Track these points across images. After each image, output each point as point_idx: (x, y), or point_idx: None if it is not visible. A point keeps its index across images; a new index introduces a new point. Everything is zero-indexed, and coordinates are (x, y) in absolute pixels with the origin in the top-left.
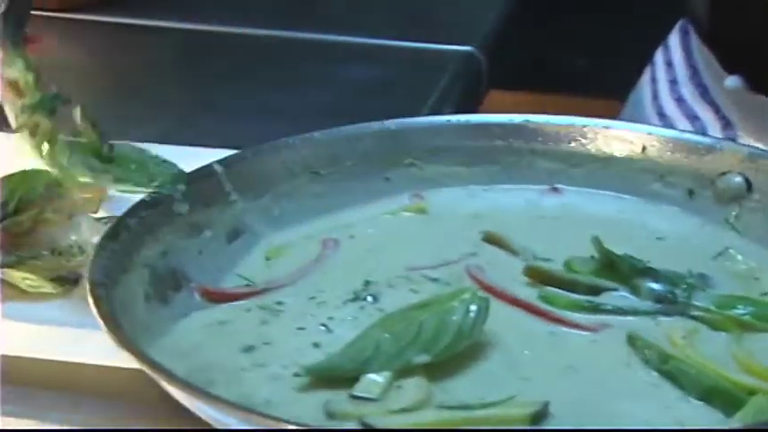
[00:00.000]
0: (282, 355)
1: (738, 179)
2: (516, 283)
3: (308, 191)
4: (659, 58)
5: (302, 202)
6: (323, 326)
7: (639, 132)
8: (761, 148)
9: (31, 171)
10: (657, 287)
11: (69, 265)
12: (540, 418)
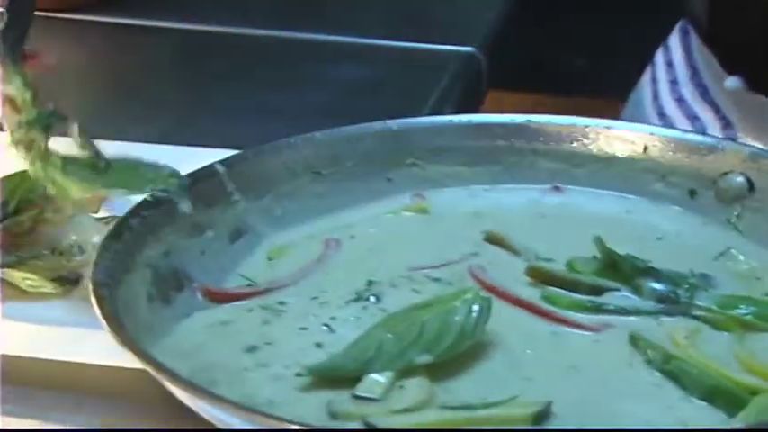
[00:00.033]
0: (285, 355)
1: (740, 179)
2: (518, 283)
3: (309, 191)
4: (659, 58)
5: (304, 203)
6: (325, 326)
7: (641, 132)
8: (762, 148)
9: None
10: (659, 287)
11: (70, 264)
12: (543, 417)
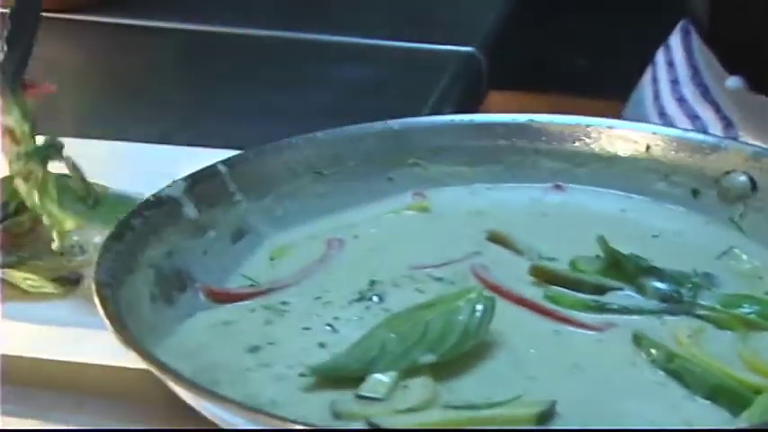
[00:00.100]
0: (288, 356)
1: (743, 178)
2: (521, 283)
3: (311, 191)
4: (660, 58)
5: (306, 203)
6: (328, 326)
7: (643, 132)
8: (765, 147)
9: None
10: (663, 286)
11: (70, 265)
12: (547, 417)
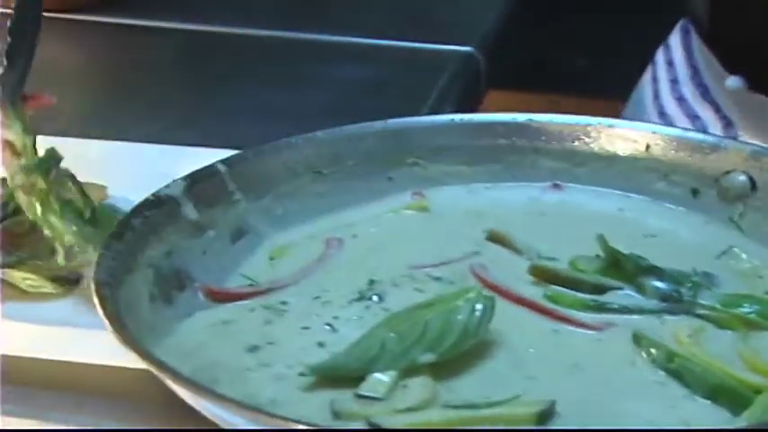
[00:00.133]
0: (287, 355)
1: (743, 178)
2: (521, 282)
3: (310, 190)
4: (660, 57)
5: (305, 202)
6: (328, 325)
7: (643, 131)
8: (765, 147)
9: None
10: (663, 286)
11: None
12: (547, 417)
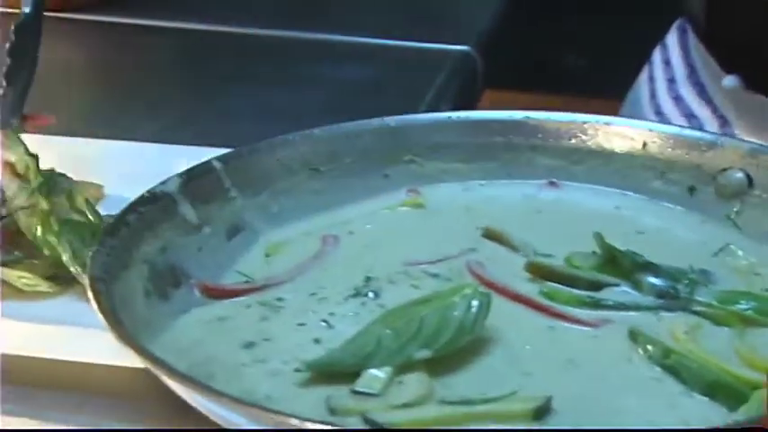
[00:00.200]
0: (283, 351)
1: (739, 175)
2: (517, 279)
3: (307, 188)
4: (657, 56)
5: (301, 199)
6: (324, 322)
7: (640, 128)
8: (762, 144)
9: None
10: (659, 282)
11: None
12: (543, 413)
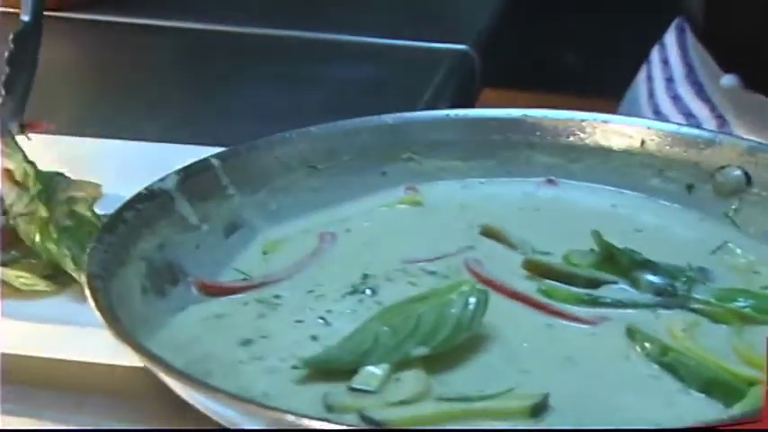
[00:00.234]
0: (280, 348)
1: (738, 173)
2: (515, 277)
3: (305, 185)
4: (655, 56)
5: (299, 197)
6: (321, 319)
7: (638, 126)
8: (760, 142)
9: None
10: (657, 280)
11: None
12: (540, 410)
